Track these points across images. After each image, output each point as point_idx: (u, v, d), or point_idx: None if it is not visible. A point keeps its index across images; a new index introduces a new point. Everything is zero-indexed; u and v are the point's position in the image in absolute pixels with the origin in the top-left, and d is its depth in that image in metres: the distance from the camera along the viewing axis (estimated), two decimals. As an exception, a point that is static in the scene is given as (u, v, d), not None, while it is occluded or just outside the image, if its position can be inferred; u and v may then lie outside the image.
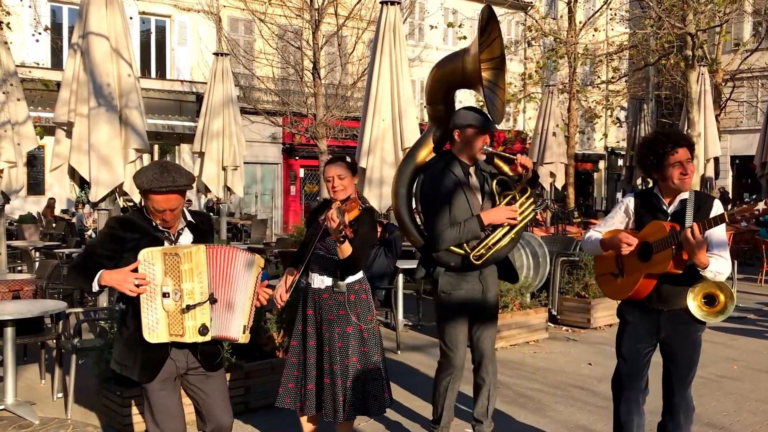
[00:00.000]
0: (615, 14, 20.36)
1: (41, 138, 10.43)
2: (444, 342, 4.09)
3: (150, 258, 2.95)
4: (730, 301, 3.36)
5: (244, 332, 3.15)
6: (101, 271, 2.99)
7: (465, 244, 3.92)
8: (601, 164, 32.31)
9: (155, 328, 2.96)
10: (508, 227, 3.97)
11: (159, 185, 2.97)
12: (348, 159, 3.87)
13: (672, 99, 23.39)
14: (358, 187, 7.84)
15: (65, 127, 6.46)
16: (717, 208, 3.42)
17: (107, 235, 3.11)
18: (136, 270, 2.95)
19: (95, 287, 3.00)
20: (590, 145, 30.86)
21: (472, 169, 4.06)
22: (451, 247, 3.92)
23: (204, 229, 3.30)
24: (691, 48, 11.83)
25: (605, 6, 18.50)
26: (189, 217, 3.25)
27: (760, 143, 16.26)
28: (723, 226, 3.37)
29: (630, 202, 3.64)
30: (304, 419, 3.92)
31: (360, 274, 3.83)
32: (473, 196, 3.98)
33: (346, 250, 3.60)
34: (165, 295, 2.94)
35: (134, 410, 4.53)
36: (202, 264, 2.97)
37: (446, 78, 4.36)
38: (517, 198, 4.01)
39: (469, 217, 3.89)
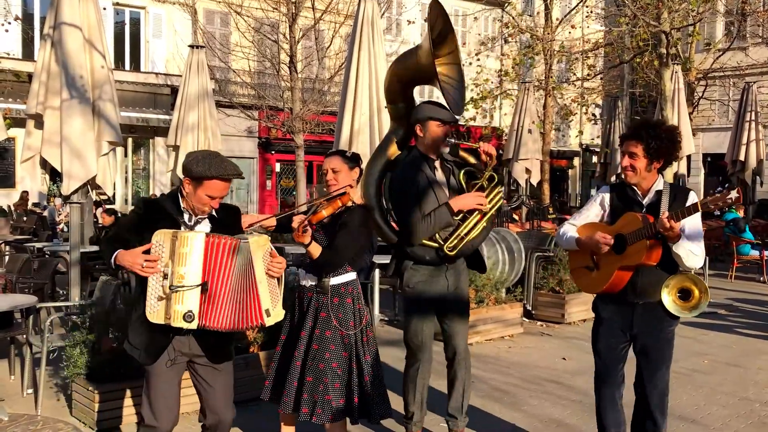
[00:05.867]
0: (591, 12, 20.54)
1: (8, 129, 10.22)
2: (408, 336, 4.10)
3: (161, 239, 3.01)
4: (704, 296, 3.37)
5: (269, 315, 3.10)
6: (118, 250, 3.05)
7: (438, 236, 3.92)
8: (576, 161, 32.59)
9: (155, 308, 3.01)
10: (478, 216, 3.97)
11: (225, 172, 3.09)
12: (348, 153, 3.84)
13: (646, 97, 23.61)
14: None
15: (37, 119, 6.35)
16: (692, 199, 3.42)
17: (133, 214, 3.24)
18: (149, 252, 3.01)
19: (113, 264, 3.09)
20: (565, 141, 31.11)
21: (437, 163, 4.07)
22: (425, 241, 3.92)
23: (227, 223, 3.28)
24: (665, 46, 11.98)
25: (581, 3, 18.63)
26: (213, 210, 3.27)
27: (731, 141, 16.58)
28: (698, 218, 3.40)
29: (605, 194, 3.65)
30: (283, 415, 3.89)
31: (348, 276, 3.75)
32: (440, 190, 3.99)
33: (313, 251, 3.57)
34: (165, 276, 2.99)
35: (106, 406, 4.48)
36: (198, 250, 2.99)
37: (404, 75, 4.31)
38: (485, 186, 4.03)
39: (438, 206, 3.91)
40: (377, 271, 7.68)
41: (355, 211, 3.69)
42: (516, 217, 15.54)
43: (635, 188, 3.51)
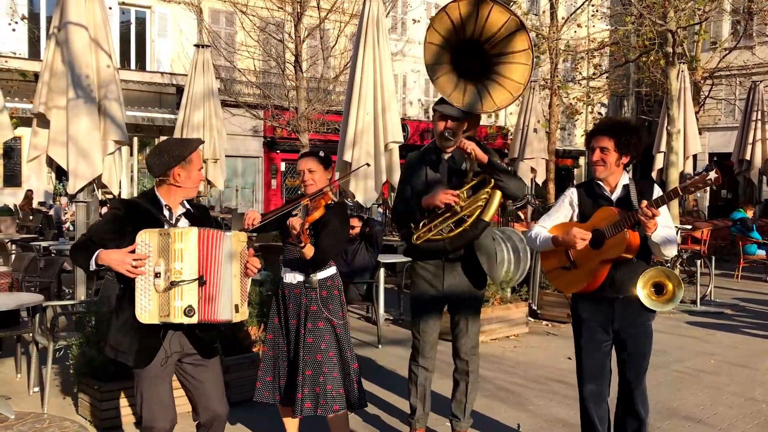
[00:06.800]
0: (596, 11, 20.46)
1: (15, 128, 10.26)
2: (411, 327, 4.24)
3: (146, 239, 3.00)
4: (678, 288, 3.40)
5: (237, 311, 3.14)
6: (99, 250, 3.01)
7: (412, 226, 4.04)
8: (581, 160, 32.48)
9: (147, 309, 2.99)
10: (450, 215, 3.91)
11: (197, 142, 3.27)
12: (321, 153, 3.89)
13: (652, 96, 23.52)
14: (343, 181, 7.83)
15: (43, 118, 6.37)
16: (657, 191, 3.46)
17: (110, 215, 3.18)
18: (134, 251, 2.99)
19: (92, 266, 3.03)
20: (571, 141, 31.03)
21: (446, 156, 4.07)
22: (412, 225, 4.06)
23: (201, 220, 3.32)
24: (671, 45, 11.92)
25: (587, 2, 18.58)
26: (188, 206, 3.29)
27: (738, 141, 16.51)
28: (667, 211, 3.43)
29: (573, 193, 3.64)
30: (284, 413, 3.90)
31: (332, 270, 3.82)
32: (436, 182, 4.04)
33: (307, 252, 3.61)
34: (157, 275, 2.97)
35: (112, 404, 4.49)
36: (193, 245, 2.99)
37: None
38: (486, 188, 3.92)
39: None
40: (382, 271, 7.69)
41: (335, 210, 3.75)
42: (521, 216, 15.53)
43: (602, 184, 3.52)
